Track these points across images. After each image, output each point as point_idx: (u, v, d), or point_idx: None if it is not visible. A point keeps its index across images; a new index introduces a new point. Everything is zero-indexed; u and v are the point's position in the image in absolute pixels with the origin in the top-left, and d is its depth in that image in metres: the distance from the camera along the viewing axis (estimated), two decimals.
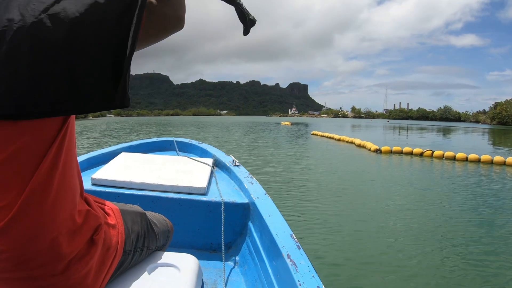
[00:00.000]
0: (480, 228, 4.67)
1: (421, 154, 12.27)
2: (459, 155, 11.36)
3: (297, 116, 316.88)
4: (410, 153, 12.55)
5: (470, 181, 8.05)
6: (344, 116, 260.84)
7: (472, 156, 11.16)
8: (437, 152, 11.96)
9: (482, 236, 4.35)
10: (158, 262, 1.13)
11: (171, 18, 0.81)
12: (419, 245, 4.01)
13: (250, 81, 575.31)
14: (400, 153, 12.76)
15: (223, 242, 1.60)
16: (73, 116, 0.75)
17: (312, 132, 25.89)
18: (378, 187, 7.11)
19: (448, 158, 11.53)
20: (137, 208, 1.11)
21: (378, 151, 12.92)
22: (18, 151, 0.65)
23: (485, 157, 10.98)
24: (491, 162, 10.76)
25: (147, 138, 3.43)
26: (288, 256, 1.20)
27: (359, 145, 15.32)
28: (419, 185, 7.36)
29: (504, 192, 6.93)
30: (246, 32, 1.02)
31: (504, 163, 10.51)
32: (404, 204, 5.80)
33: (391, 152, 12.85)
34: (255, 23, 1.02)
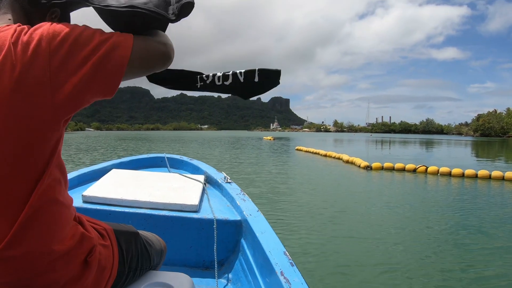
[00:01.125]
0: (500, 257, 3.99)
1: (414, 170, 11.56)
2: (455, 170, 10.70)
3: (279, 130, 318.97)
4: (403, 169, 11.81)
5: (471, 198, 7.56)
6: (327, 130, 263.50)
7: (469, 171, 10.55)
8: (432, 168, 11.28)
9: (502, 265, 3.76)
10: (152, 282, 1.09)
11: (155, 53, 0.84)
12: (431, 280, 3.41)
13: (231, 95, 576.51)
14: (391, 169, 12.01)
15: (215, 259, 1.59)
16: (62, 140, 0.78)
17: (296, 148, 25.10)
18: (374, 209, 6.41)
19: (443, 174, 10.84)
20: (131, 228, 1.10)
21: (368, 168, 12.12)
22: (13, 176, 0.68)
23: (482, 172, 10.44)
24: (489, 178, 10.22)
25: (132, 155, 3.38)
26: (282, 273, 1.21)
27: (347, 161, 14.53)
28: (419, 206, 6.68)
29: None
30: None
31: (502, 178, 10.00)
32: (405, 228, 5.16)
33: (382, 168, 12.08)
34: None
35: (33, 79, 0.66)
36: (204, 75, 0.97)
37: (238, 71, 0.95)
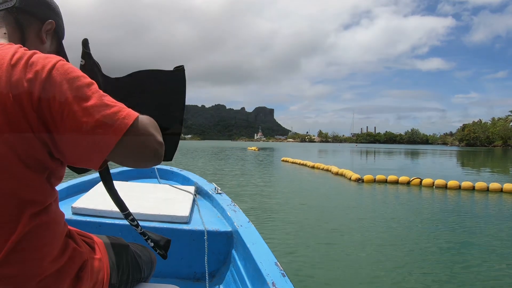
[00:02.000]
0: None
1: (408, 183, 10.99)
2: (451, 182, 10.20)
3: (263, 140, 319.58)
4: (396, 182, 11.23)
5: (472, 212, 7.26)
6: (311, 140, 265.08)
7: (465, 183, 10.07)
8: (426, 180, 10.73)
9: None
10: None
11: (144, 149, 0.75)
12: None
13: (215, 105, 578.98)
14: (384, 181, 11.42)
15: (206, 271, 1.61)
16: (60, 174, 0.78)
17: (282, 159, 24.41)
18: (370, 226, 5.85)
19: (439, 187, 10.32)
20: (121, 240, 1.09)
21: (360, 180, 11.50)
22: (6, 197, 0.66)
23: (479, 184, 9.96)
24: (486, 190, 9.75)
25: (117, 166, 2.67)
26: (273, 284, 1.21)
27: (336, 173, 13.90)
28: (419, 223, 6.14)
29: None
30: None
31: (501, 190, 9.57)
32: (407, 249, 4.59)
33: (374, 181, 11.49)
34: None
35: (21, 107, 0.62)
36: (131, 217, 1.04)
37: (150, 242, 1.12)
